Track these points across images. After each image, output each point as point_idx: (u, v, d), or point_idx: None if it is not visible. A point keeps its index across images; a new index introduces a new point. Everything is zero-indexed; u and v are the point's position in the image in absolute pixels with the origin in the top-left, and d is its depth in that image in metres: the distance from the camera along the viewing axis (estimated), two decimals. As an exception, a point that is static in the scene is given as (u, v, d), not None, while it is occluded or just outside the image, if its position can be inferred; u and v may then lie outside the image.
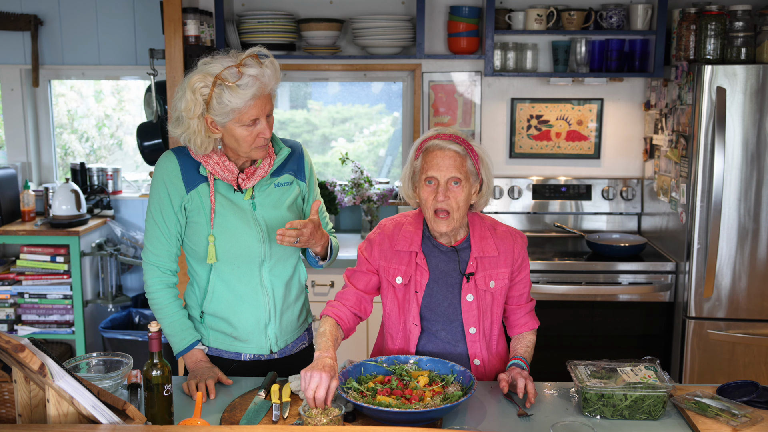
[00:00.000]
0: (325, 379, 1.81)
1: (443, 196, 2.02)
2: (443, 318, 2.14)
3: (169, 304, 2.16)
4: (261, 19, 3.72)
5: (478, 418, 1.91)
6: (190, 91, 1.98)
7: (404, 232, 2.16)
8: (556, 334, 3.54)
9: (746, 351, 3.34)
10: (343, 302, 2.15)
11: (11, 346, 1.56)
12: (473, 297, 2.11)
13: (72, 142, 4.46)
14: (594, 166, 4.03)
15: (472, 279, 2.11)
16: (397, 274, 2.14)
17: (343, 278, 2.23)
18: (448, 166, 2.02)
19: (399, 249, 2.14)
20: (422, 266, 2.12)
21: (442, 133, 2.07)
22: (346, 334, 2.12)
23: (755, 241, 3.29)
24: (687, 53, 3.49)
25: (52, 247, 3.78)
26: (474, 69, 3.95)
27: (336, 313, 2.11)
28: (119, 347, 3.75)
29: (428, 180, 2.05)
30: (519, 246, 2.16)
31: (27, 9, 4.03)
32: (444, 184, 2.03)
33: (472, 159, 2.06)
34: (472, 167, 2.07)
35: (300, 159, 2.25)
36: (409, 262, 2.13)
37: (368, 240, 2.20)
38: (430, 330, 2.16)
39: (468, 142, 2.06)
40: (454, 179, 2.03)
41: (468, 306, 2.11)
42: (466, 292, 2.11)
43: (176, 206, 2.11)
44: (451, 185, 2.03)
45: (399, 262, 2.14)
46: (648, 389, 1.89)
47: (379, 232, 2.19)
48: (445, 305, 2.13)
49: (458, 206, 2.04)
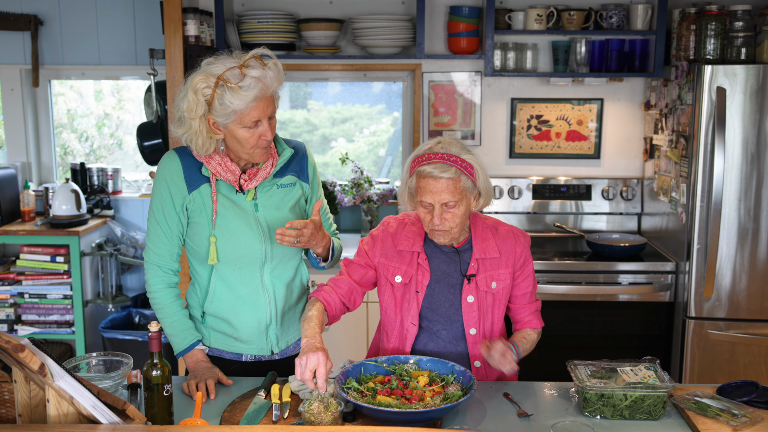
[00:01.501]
0: (322, 357, 1.82)
1: (439, 220, 2.01)
2: (444, 318, 2.14)
3: (170, 303, 2.16)
4: (261, 19, 3.72)
5: (478, 418, 1.91)
6: (192, 91, 1.97)
7: (407, 232, 2.16)
8: (556, 334, 3.53)
9: (746, 351, 3.34)
10: (335, 289, 2.15)
11: (11, 346, 1.56)
12: (474, 298, 2.11)
13: (72, 142, 4.46)
14: (594, 166, 4.03)
15: (473, 280, 2.11)
16: (397, 273, 2.14)
17: (341, 265, 2.23)
18: (441, 191, 1.99)
19: (401, 248, 2.14)
20: (424, 266, 2.12)
21: (434, 153, 2.00)
22: (331, 321, 2.12)
23: (755, 241, 3.29)
24: (687, 53, 3.49)
25: (52, 247, 3.78)
26: (474, 69, 3.95)
27: (326, 298, 2.12)
28: (119, 347, 3.75)
29: (423, 204, 2.04)
30: (521, 245, 2.16)
31: (27, 9, 4.03)
32: (439, 209, 2.01)
33: (468, 175, 2.01)
34: (467, 182, 2.02)
35: (303, 160, 2.24)
36: (411, 262, 2.13)
37: (371, 235, 2.21)
38: (431, 329, 2.16)
39: (461, 160, 2.00)
40: (449, 203, 2.01)
41: (468, 307, 2.11)
42: (467, 293, 2.11)
43: (178, 206, 2.11)
44: (447, 208, 2.02)
45: (400, 261, 2.14)
46: (648, 389, 1.89)
47: (383, 230, 2.20)
48: (446, 306, 2.13)
49: (456, 224, 2.04)
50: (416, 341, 2.18)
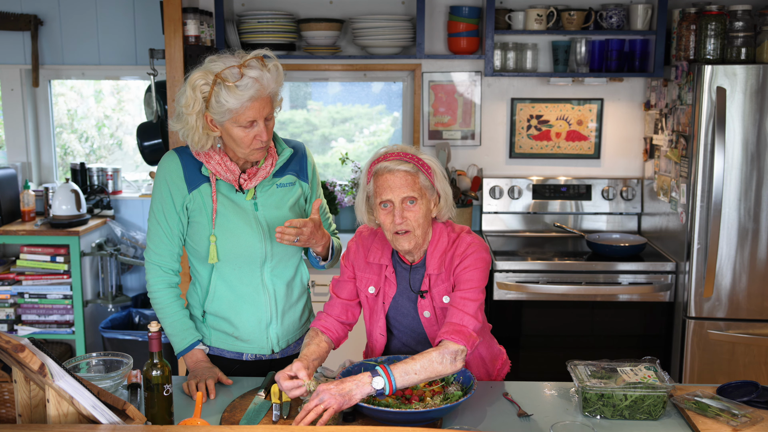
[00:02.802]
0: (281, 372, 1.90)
1: (400, 218, 1.98)
2: (410, 329, 2.15)
3: (170, 303, 2.16)
4: (261, 19, 3.72)
5: (478, 418, 1.91)
6: (190, 87, 1.99)
7: (377, 243, 2.14)
8: (556, 334, 3.54)
9: (746, 351, 3.34)
10: (330, 313, 2.17)
11: (11, 346, 1.56)
12: (430, 314, 2.10)
13: (72, 142, 4.46)
14: (594, 166, 4.03)
15: (427, 296, 2.09)
16: (370, 283, 2.14)
17: (329, 288, 2.24)
18: (400, 186, 1.98)
19: (371, 260, 2.14)
20: (391, 279, 2.12)
21: (390, 152, 2.01)
22: (336, 344, 2.16)
23: (755, 241, 3.29)
24: (687, 53, 3.49)
25: (52, 247, 3.78)
26: (474, 69, 3.95)
27: (323, 324, 2.14)
28: (119, 347, 3.75)
29: (383, 203, 2.01)
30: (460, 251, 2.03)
31: (27, 9, 4.03)
32: (399, 206, 1.99)
33: (425, 173, 2.01)
34: (426, 182, 2.02)
35: (303, 160, 2.25)
36: (380, 274, 2.13)
37: (348, 247, 2.21)
38: (401, 340, 2.17)
39: (417, 157, 2.01)
40: (408, 198, 1.98)
41: (427, 321, 2.11)
42: (423, 308, 2.10)
43: (178, 206, 2.12)
44: (407, 205, 1.99)
45: (371, 272, 2.14)
46: (648, 389, 1.89)
47: (356, 241, 2.19)
48: (409, 319, 2.14)
49: (418, 224, 2.00)
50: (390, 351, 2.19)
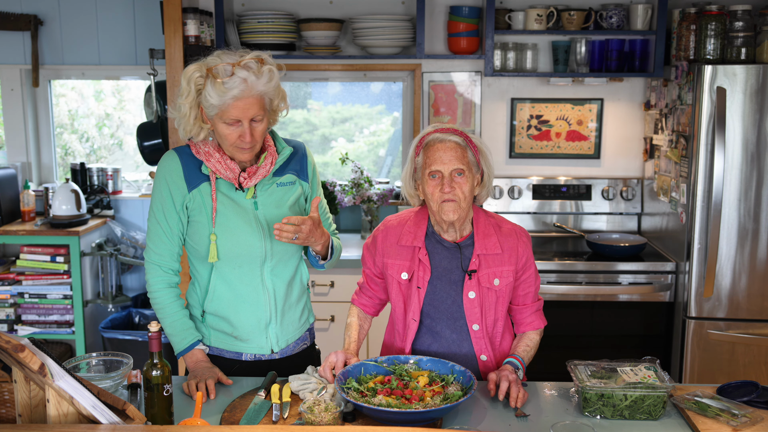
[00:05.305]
0: (340, 355, 2.04)
1: (449, 188, 2.04)
2: (446, 316, 2.14)
3: (170, 303, 2.16)
4: (261, 19, 3.72)
5: (478, 418, 1.91)
6: (185, 78, 2.04)
7: (408, 227, 2.18)
8: (556, 334, 3.53)
9: (746, 351, 3.34)
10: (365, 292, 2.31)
11: (11, 346, 1.56)
12: (475, 294, 2.11)
13: (72, 142, 4.46)
14: (594, 166, 4.03)
15: (474, 276, 2.11)
16: (402, 269, 2.15)
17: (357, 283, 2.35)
18: (450, 158, 2.04)
19: (403, 243, 2.16)
20: (425, 262, 2.13)
21: (440, 128, 2.11)
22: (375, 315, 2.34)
23: (755, 241, 3.29)
24: (687, 53, 3.49)
25: (52, 247, 3.78)
26: (474, 69, 3.95)
27: (361, 302, 2.30)
28: (119, 347, 3.75)
29: (432, 174, 2.07)
30: (523, 244, 2.17)
31: (27, 9, 4.03)
32: (448, 176, 2.05)
33: (472, 150, 2.10)
34: (472, 158, 2.10)
35: (303, 159, 2.25)
36: (413, 258, 2.15)
37: (372, 236, 2.25)
38: (434, 329, 2.16)
39: (466, 134, 2.10)
40: (457, 170, 2.05)
41: (470, 303, 2.11)
42: (468, 289, 2.11)
43: (178, 205, 2.12)
44: (456, 176, 2.05)
45: (403, 258, 2.16)
46: (648, 389, 1.89)
47: (383, 228, 2.22)
48: (449, 303, 2.13)
49: (464, 196, 2.06)
50: (420, 342, 2.18)
